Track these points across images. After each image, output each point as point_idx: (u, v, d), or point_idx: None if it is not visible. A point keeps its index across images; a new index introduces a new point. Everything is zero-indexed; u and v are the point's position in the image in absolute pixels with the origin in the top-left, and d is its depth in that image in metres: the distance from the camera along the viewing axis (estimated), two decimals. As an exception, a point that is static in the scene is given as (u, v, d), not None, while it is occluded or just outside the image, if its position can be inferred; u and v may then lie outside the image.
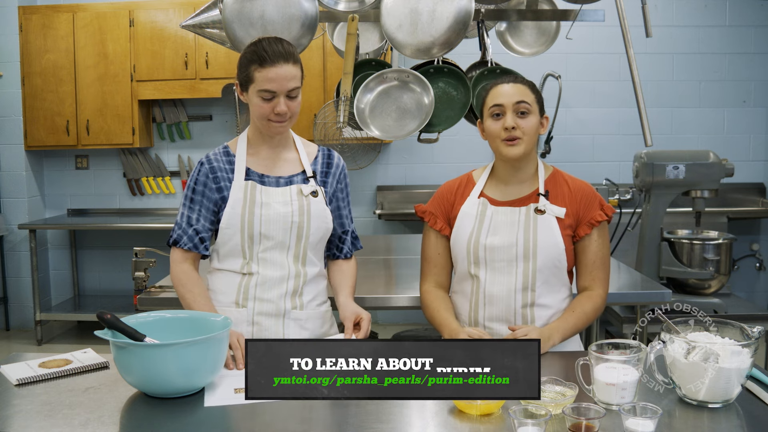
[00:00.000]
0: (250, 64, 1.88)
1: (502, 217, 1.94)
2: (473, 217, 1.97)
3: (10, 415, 1.49)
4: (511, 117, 1.91)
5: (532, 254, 1.89)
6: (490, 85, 1.99)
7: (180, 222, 1.99)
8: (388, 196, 5.38)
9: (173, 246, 1.99)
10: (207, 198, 1.97)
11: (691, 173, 3.39)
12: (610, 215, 1.97)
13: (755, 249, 5.37)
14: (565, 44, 3.24)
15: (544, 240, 1.90)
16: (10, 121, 5.28)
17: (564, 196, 1.96)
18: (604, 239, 1.98)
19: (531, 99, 1.93)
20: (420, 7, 2.63)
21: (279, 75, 1.86)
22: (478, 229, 1.95)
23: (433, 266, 2.06)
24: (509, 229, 1.92)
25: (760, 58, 5.33)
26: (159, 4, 5.07)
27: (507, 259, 1.91)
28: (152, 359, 1.52)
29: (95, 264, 5.67)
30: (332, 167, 2.07)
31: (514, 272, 1.91)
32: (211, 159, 2.00)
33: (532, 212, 1.93)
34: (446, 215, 2.04)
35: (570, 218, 1.94)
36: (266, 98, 1.88)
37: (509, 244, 1.91)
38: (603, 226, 1.98)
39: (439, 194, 2.08)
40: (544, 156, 5.10)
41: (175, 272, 1.98)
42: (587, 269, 1.97)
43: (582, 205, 1.95)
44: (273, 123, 1.92)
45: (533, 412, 1.33)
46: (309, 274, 1.99)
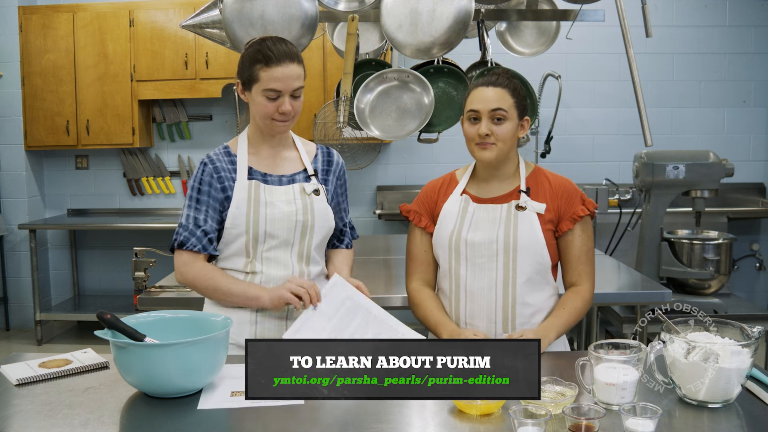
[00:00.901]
0: (255, 64, 1.88)
1: (483, 214, 1.97)
2: (455, 213, 1.99)
3: (10, 415, 1.49)
4: (486, 124, 1.92)
5: (513, 249, 1.91)
6: (471, 87, 1.99)
7: (186, 224, 1.94)
8: (388, 196, 5.38)
9: (179, 249, 1.94)
10: (213, 198, 1.95)
11: (691, 173, 3.39)
12: (592, 210, 1.99)
13: (755, 249, 5.37)
14: (565, 44, 3.24)
15: (524, 235, 1.91)
16: (10, 121, 5.28)
17: (545, 192, 1.98)
18: (588, 234, 2.00)
19: (508, 104, 1.92)
20: (420, 7, 2.63)
21: (285, 75, 1.86)
22: (459, 225, 1.97)
23: (419, 264, 2.08)
24: (490, 225, 1.94)
25: (760, 58, 5.33)
26: (159, 4, 5.08)
27: (488, 255, 1.92)
28: (152, 359, 1.52)
29: (95, 264, 5.67)
30: (332, 165, 2.08)
31: (494, 268, 1.92)
32: (213, 159, 1.99)
33: (513, 209, 1.95)
34: (430, 213, 2.06)
35: (551, 213, 1.96)
36: (271, 97, 1.88)
37: (490, 240, 1.92)
38: (586, 221, 2.00)
39: (423, 193, 2.10)
40: (544, 156, 5.10)
41: (189, 274, 1.92)
42: (572, 265, 1.99)
43: (563, 200, 1.97)
44: (276, 122, 1.92)
45: (533, 412, 1.33)
46: (312, 272, 1.99)
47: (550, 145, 5.08)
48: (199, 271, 1.92)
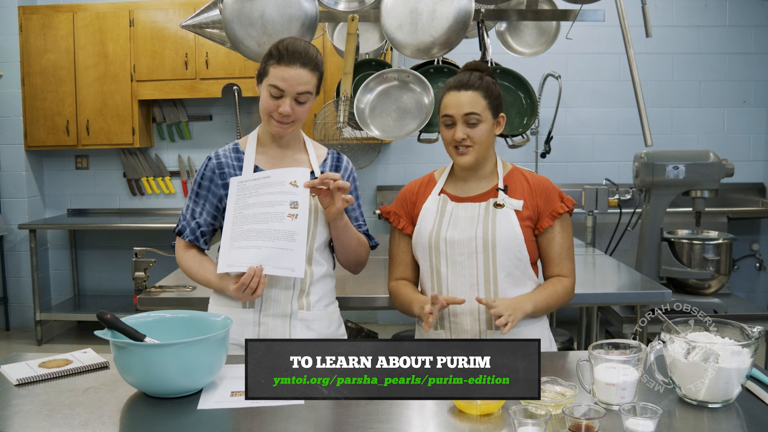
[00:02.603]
0: (269, 59, 1.90)
1: (461, 212, 1.98)
2: (434, 213, 2.01)
3: (10, 415, 1.49)
4: (461, 128, 1.93)
5: (492, 246, 1.92)
6: (444, 90, 1.99)
7: (185, 213, 2.04)
8: (388, 196, 5.38)
9: (178, 236, 2.05)
10: (212, 193, 2.00)
11: (691, 173, 3.39)
12: (570, 207, 2.00)
13: (755, 249, 5.37)
14: (565, 44, 3.24)
15: (502, 232, 1.93)
16: (10, 121, 5.28)
17: (523, 190, 2.00)
18: (568, 231, 2.02)
19: (481, 107, 1.92)
20: (420, 7, 2.63)
21: (291, 76, 1.87)
22: (438, 224, 1.98)
23: (398, 264, 2.11)
24: (469, 223, 1.95)
25: (760, 58, 5.33)
26: (159, 4, 5.08)
27: (467, 253, 1.94)
28: (152, 359, 1.52)
29: (95, 264, 5.67)
30: (341, 170, 2.07)
31: (474, 265, 1.93)
32: (219, 155, 2.02)
33: (491, 207, 1.96)
34: (409, 214, 2.08)
35: (529, 210, 1.97)
36: (274, 95, 1.90)
37: (468, 238, 1.93)
38: (565, 218, 2.02)
39: (402, 195, 2.12)
40: (544, 156, 5.10)
41: (183, 258, 2.03)
42: (554, 261, 2.01)
43: (542, 198, 1.99)
44: (274, 121, 1.93)
45: (533, 412, 1.33)
46: (316, 273, 1.99)
47: (550, 145, 5.08)
48: (188, 259, 2.03)
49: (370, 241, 2.13)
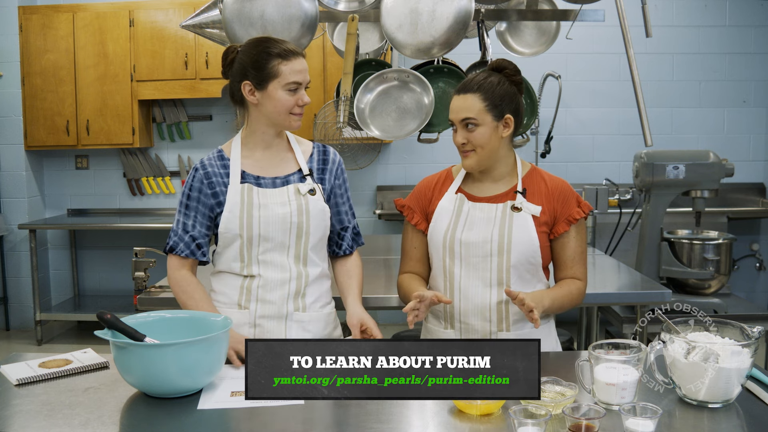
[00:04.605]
0: (273, 60, 1.90)
1: (478, 213, 1.97)
2: (450, 212, 1.99)
3: (10, 415, 1.49)
4: (461, 133, 1.94)
5: (506, 250, 1.91)
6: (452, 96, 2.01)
7: (176, 229, 1.99)
8: (388, 196, 5.38)
9: (170, 253, 1.99)
10: (202, 204, 1.97)
11: (691, 173, 3.39)
12: (587, 212, 2.00)
13: (755, 249, 5.37)
14: (565, 44, 3.24)
15: (518, 237, 1.92)
16: (10, 121, 5.28)
17: (541, 193, 1.98)
18: (582, 235, 2.02)
19: (477, 110, 1.90)
20: (420, 7, 2.63)
21: (303, 66, 1.93)
22: (454, 224, 1.97)
23: (409, 259, 2.10)
24: (485, 225, 1.94)
25: (760, 58, 5.33)
26: (159, 4, 5.07)
27: (482, 255, 1.93)
28: (152, 359, 1.52)
29: (95, 264, 5.67)
30: (328, 163, 2.06)
31: (488, 267, 1.93)
32: (205, 164, 2.00)
33: (508, 209, 1.95)
34: (424, 210, 2.06)
35: (546, 215, 1.96)
36: (292, 89, 1.91)
37: (484, 240, 1.93)
38: (581, 223, 2.01)
39: (418, 189, 2.11)
40: (544, 156, 5.10)
41: (174, 279, 1.98)
42: (567, 265, 1.99)
43: (559, 202, 1.97)
44: (294, 116, 1.95)
45: (533, 412, 1.33)
46: (311, 274, 1.99)
47: (550, 145, 5.08)
48: (179, 280, 1.98)
49: (359, 239, 2.14)
